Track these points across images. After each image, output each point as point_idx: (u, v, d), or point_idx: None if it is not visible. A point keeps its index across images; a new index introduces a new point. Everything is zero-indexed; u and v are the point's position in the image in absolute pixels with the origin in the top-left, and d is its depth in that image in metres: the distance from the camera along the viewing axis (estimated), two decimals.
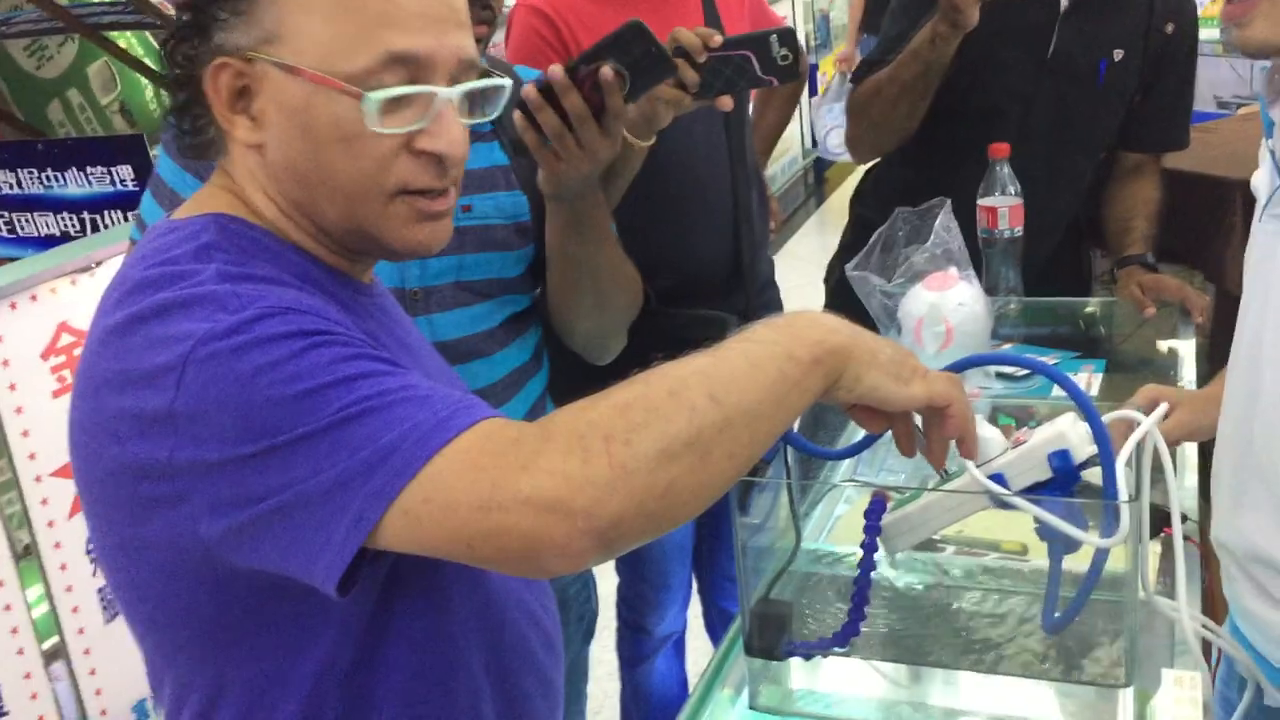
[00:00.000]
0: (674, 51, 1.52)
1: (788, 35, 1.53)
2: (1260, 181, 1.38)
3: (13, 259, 3.17)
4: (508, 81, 1.05)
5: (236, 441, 0.85)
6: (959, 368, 1.14)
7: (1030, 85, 2.17)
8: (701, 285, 2.11)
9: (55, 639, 2.39)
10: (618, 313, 1.68)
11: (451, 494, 0.83)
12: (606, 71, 1.37)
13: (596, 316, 1.66)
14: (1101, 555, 1.09)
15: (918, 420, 1.05)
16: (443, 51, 0.97)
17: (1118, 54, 2.17)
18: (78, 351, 2.43)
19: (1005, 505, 1.12)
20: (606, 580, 2.35)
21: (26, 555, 2.37)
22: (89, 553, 2.50)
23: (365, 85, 0.94)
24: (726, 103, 1.55)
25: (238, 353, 0.86)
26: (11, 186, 3.68)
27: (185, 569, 0.92)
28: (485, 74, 1.03)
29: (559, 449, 0.83)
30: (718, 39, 1.50)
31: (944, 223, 1.76)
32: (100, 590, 2.52)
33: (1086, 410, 1.08)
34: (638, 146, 1.58)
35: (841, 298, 2.14)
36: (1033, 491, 1.11)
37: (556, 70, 1.37)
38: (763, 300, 2.26)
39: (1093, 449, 1.11)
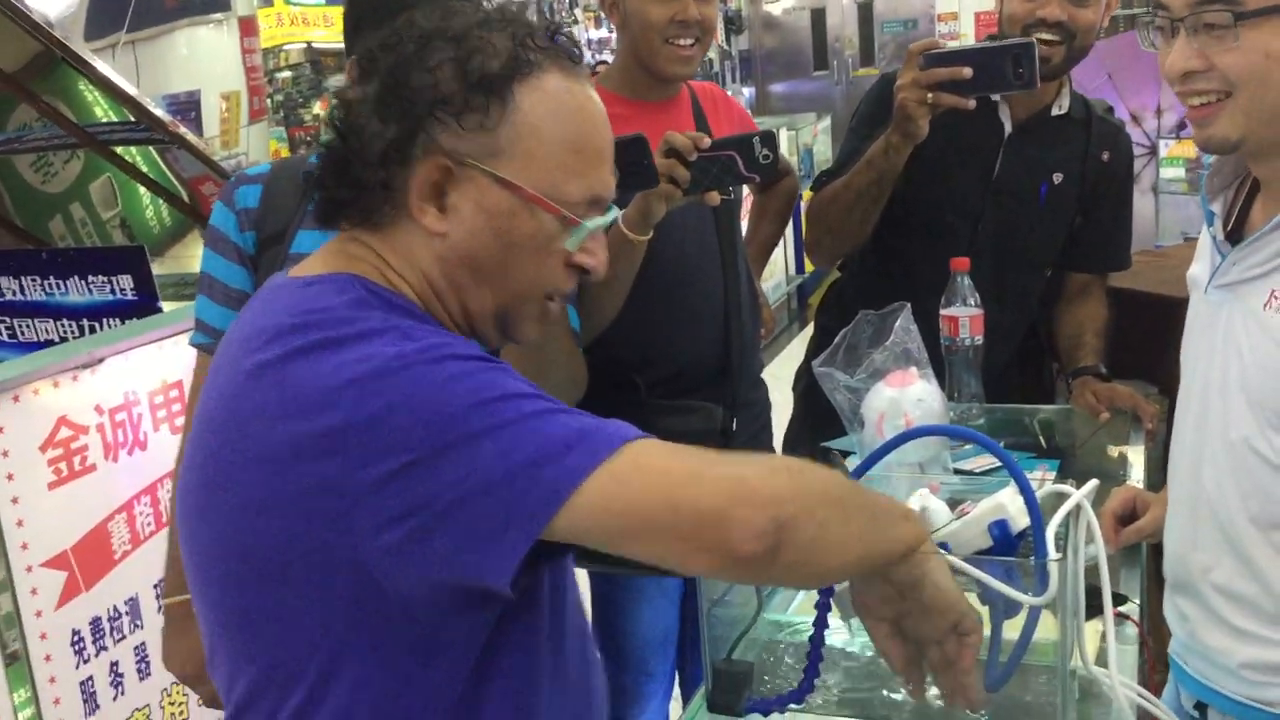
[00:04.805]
0: (666, 152, 1.68)
1: (768, 137, 1.71)
2: (1200, 264, 1.50)
3: None
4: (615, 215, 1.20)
5: (418, 444, 0.94)
6: (914, 435, 1.25)
7: (977, 203, 2.30)
8: (691, 379, 2.19)
9: None
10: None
11: (663, 462, 0.97)
12: None
13: None
14: (1034, 613, 1.17)
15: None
16: (611, 187, 1.15)
17: (1057, 178, 2.31)
18: (75, 444, 2.52)
19: (953, 573, 1.21)
20: None
21: (14, 661, 2.39)
22: (74, 645, 2.54)
23: (576, 213, 1.10)
24: (714, 198, 1.73)
25: (431, 365, 0.97)
26: (14, 293, 3.75)
27: (326, 587, 0.99)
28: None
29: (747, 459, 1.01)
30: (706, 141, 1.68)
31: (903, 324, 1.87)
32: (82, 684, 2.54)
33: (1018, 479, 1.18)
34: (637, 241, 1.72)
35: (810, 402, 2.25)
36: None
37: None
38: (752, 396, 2.34)
39: (1028, 520, 1.20)
